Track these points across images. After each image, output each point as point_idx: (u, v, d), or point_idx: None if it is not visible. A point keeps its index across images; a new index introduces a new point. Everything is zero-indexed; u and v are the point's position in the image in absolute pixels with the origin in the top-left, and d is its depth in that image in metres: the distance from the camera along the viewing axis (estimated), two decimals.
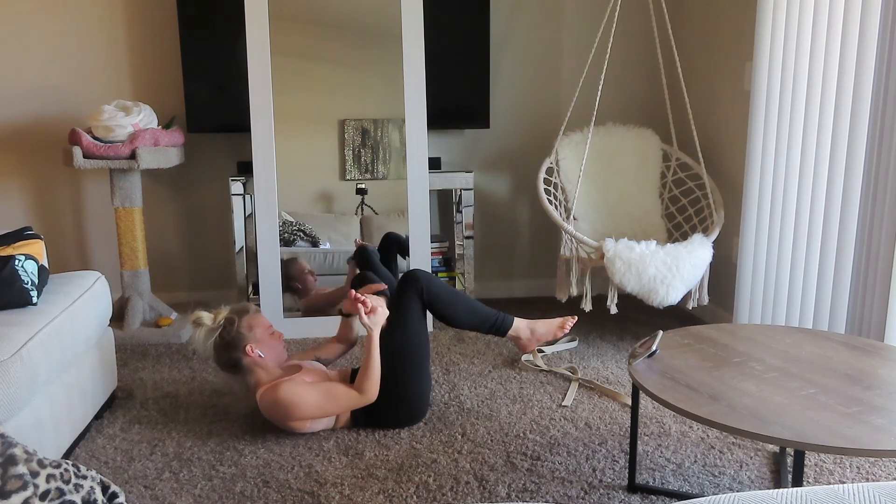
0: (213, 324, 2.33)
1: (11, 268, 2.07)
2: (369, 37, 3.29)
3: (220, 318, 2.34)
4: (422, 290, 2.37)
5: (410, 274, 2.41)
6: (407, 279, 2.41)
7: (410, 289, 2.38)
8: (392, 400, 2.32)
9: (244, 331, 2.32)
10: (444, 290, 2.40)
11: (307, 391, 2.23)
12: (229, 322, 2.32)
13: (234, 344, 2.31)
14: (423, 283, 2.38)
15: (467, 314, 2.42)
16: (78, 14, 3.47)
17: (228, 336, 2.31)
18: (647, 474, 2.07)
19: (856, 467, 2.10)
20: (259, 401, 2.29)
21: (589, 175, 3.41)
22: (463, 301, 2.42)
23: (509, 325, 2.44)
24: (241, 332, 2.31)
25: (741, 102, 3.20)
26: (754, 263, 2.91)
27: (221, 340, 2.31)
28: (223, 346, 2.32)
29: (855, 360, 1.89)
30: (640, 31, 3.78)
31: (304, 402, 2.22)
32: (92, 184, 3.64)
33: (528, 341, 2.47)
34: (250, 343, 2.32)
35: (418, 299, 2.37)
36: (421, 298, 2.37)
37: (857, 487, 1.02)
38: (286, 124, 3.24)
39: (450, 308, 2.39)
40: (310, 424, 2.30)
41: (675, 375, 1.81)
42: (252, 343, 2.32)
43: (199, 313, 2.34)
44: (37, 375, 1.92)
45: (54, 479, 1.35)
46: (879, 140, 2.28)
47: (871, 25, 2.29)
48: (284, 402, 2.21)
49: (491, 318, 2.44)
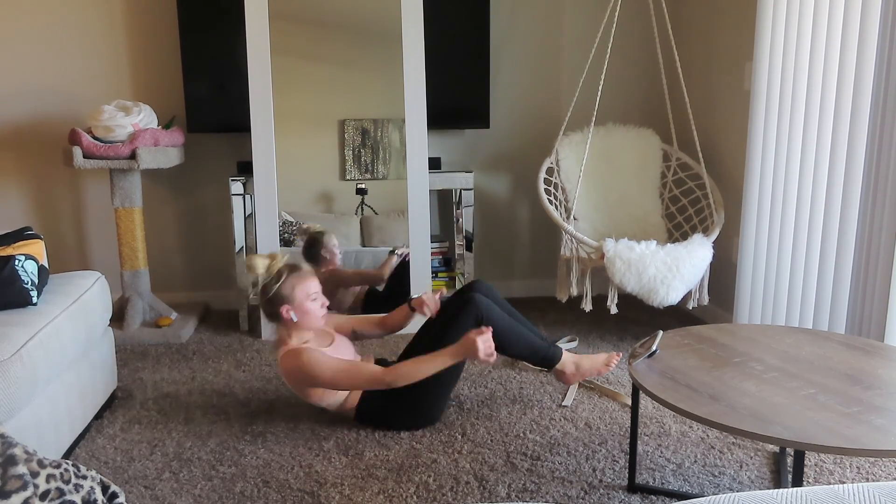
0: (262, 274, 2.32)
1: (11, 268, 2.07)
2: (369, 37, 3.29)
3: (270, 270, 2.32)
4: (481, 318, 2.36)
5: (473, 297, 2.38)
6: (469, 302, 2.37)
7: (469, 313, 2.36)
8: (407, 407, 2.32)
9: (285, 291, 2.29)
10: (502, 321, 2.37)
11: (329, 361, 2.24)
12: (276, 277, 2.31)
13: (273, 300, 2.30)
14: (483, 313, 2.36)
15: (519, 346, 2.40)
16: (78, 14, 3.47)
17: (269, 291, 2.30)
18: (647, 474, 2.07)
19: (856, 467, 2.10)
20: (280, 360, 2.30)
21: (589, 175, 3.41)
22: (517, 334, 2.40)
23: (558, 358, 2.42)
24: (281, 292, 2.29)
25: (741, 102, 3.20)
26: (754, 263, 2.91)
27: (263, 292, 2.32)
28: (264, 297, 2.32)
29: (855, 360, 1.89)
30: (640, 31, 3.78)
31: (324, 370, 2.22)
32: (92, 184, 3.64)
33: (572, 376, 2.44)
34: (287, 304, 2.29)
35: (474, 325, 2.35)
36: (477, 325, 2.36)
37: (857, 487, 1.02)
38: (286, 124, 3.24)
39: (504, 340, 2.38)
40: (321, 395, 2.30)
41: (675, 375, 1.81)
42: (289, 305, 2.30)
43: (254, 260, 2.31)
44: (37, 375, 1.92)
45: (54, 479, 1.35)
46: (879, 140, 2.28)
47: (871, 25, 2.29)
48: (305, 367, 2.22)
49: (541, 351, 2.42)
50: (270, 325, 2.43)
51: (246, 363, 2.98)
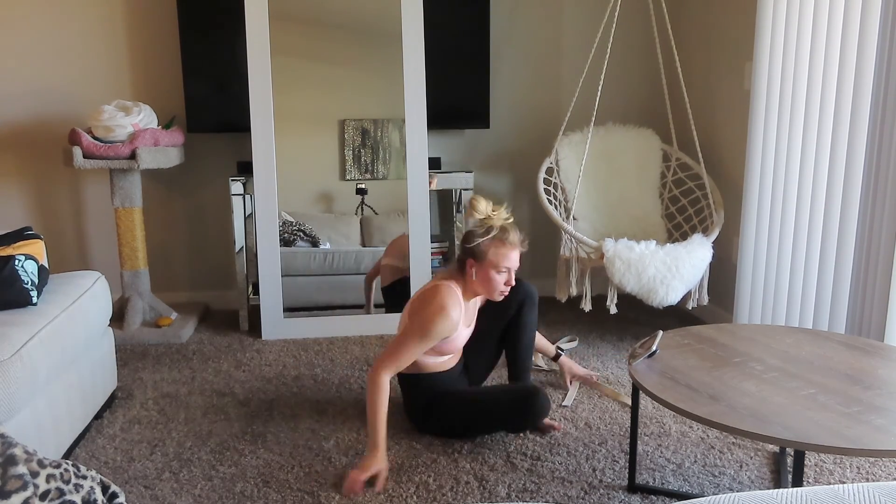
0: (477, 216, 2.20)
1: (11, 268, 2.07)
2: (369, 37, 3.29)
3: (485, 218, 2.19)
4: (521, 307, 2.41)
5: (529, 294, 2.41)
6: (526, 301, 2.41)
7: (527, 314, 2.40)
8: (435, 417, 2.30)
9: (484, 247, 2.16)
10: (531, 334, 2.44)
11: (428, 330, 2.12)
12: (485, 230, 2.18)
13: (468, 247, 2.19)
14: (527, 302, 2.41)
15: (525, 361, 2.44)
16: (78, 14, 3.47)
17: (470, 239, 2.19)
18: (647, 474, 2.07)
19: (856, 467, 2.10)
20: (424, 287, 2.21)
21: (589, 175, 3.41)
22: (529, 350, 2.46)
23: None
24: (479, 247, 2.17)
25: (741, 102, 3.20)
26: (754, 263, 2.91)
27: (466, 236, 2.21)
28: (463, 240, 2.22)
29: (855, 360, 1.89)
30: (640, 31, 3.78)
31: (415, 327, 2.12)
32: (92, 184, 3.64)
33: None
34: (474, 261, 2.18)
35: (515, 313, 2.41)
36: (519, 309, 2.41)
37: (857, 487, 1.02)
38: (286, 124, 3.24)
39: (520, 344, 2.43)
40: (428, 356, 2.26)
41: (675, 375, 1.81)
42: (476, 262, 2.18)
43: (480, 201, 2.19)
44: (37, 375, 1.92)
45: (54, 479, 1.35)
46: (879, 140, 2.28)
47: (871, 25, 2.29)
48: (427, 306, 2.13)
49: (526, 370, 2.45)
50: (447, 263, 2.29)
51: (246, 363, 2.98)
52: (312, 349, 3.14)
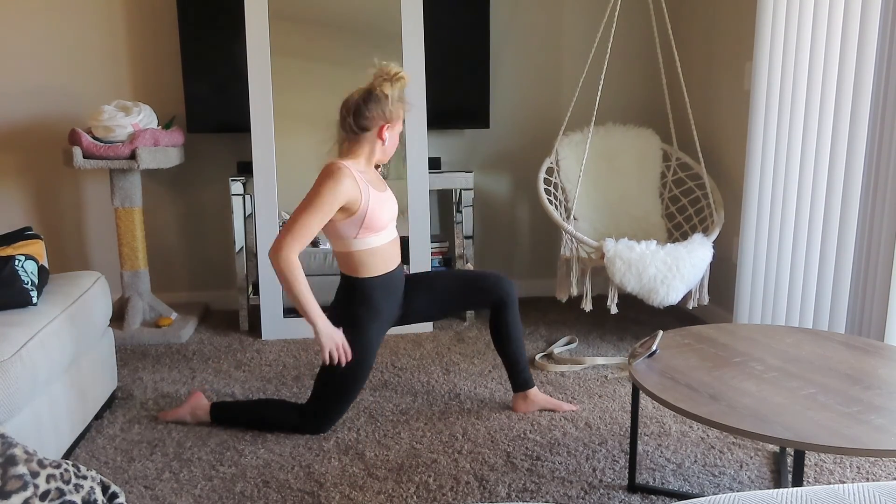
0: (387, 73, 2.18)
1: (11, 268, 2.07)
2: (369, 37, 3.29)
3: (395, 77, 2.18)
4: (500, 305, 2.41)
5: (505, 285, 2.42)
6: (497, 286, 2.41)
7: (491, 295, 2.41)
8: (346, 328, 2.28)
9: (396, 109, 2.20)
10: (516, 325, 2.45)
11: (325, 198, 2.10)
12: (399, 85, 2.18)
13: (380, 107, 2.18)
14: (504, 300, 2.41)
15: (518, 351, 2.45)
16: (78, 14, 3.47)
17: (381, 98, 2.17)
18: (647, 474, 2.07)
19: (856, 467, 2.10)
20: (326, 164, 2.18)
21: (589, 175, 3.41)
22: (521, 341, 2.47)
23: (532, 385, 2.49)
24: (391, 107, 2.19)
25: (741, 102, 3.20)
26: (754, 263, 2.91)
27: (370, 94, 2.18)
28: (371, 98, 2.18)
29: (855, 360, 1.89)
30: (640, 31, 3.78)
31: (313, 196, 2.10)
32: (92, 184, 3.64)
33: (527, 405, 2.48)
34: (387, 123, 2.20)
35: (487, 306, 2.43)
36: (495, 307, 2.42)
37: (857, 487, 1.02)
38: (286, 124, 3.24)
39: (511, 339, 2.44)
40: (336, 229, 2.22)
41: (675, 375, 1.81)
42: (389, 125, 2.20)
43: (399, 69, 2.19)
44: (37, 375, 1.91)
45: (54, 479, 1.35)
46: (879, 140, 2.28)
47: (871, 25, 2.29)
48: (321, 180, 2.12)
49: (526, 370, 2.47)
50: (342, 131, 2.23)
51: (246, 363, 2.98)
52: (312, 349, 3.14)
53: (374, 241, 2.24)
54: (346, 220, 2.19)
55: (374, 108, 2.18)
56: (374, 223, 2.21)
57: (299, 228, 2.10)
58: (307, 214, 2.10)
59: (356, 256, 2.24)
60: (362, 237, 2.22)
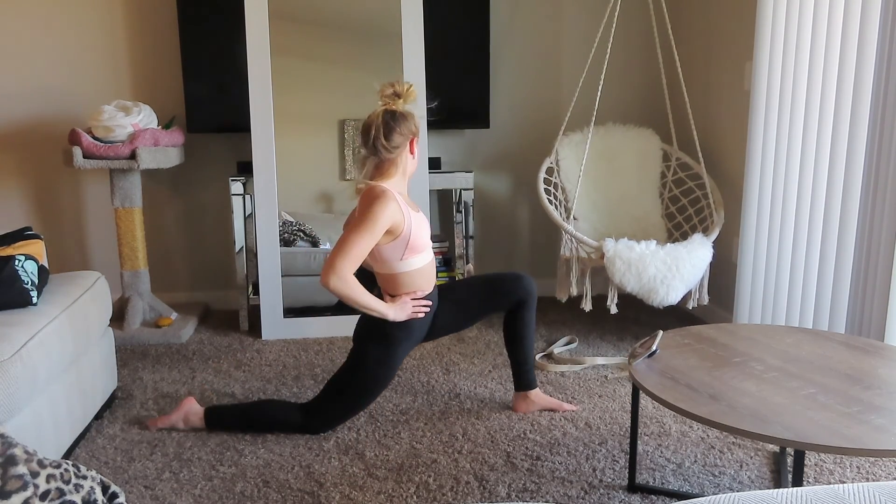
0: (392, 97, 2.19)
1: (11, 268, 2.07)
2: (369, 37, 3.29)
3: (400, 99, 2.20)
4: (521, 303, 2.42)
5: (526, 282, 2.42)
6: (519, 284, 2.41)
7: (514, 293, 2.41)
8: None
9: (414, 125, 2.21)
10: (530, 322, 2.46)
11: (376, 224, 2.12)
12: (401, 109, 2.20)
13: (407, 123, 2.20)
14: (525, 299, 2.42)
15: (526, 350, 2.46)
16: (77, 14, 3.47)
17: (402, 120, 2.19)
18: (647, 474, 2.07)
19: (856, 467, 2.10)
20: (367, 188, 2.19)
21: (589, 175, 3.41)
22: (531, 340, 2.48)
23: (535, 385, 2.49)
24: (414, 122, 2.20)
25: (741, 102, 3.20)
26: (754, 263, 2.91)
27: (405, 115, 2.20)
28: (395, 122, 2.19)
29: (855, 360, 1.89)
30: (640, 31, 3.78)
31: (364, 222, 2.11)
32: (92, 184, 3.64)
33: (527, 405, 2.48)
34: (414, 137, 2.22)
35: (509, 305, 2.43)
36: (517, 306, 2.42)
37: (857, 487, 1.02)
38: (286, 124, 3.24)
39: (522, 338, 2.44)
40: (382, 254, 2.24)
41: (675, 375, 1.81)
42: (415, 139, 2.23)
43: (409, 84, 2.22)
44: (37, 375, 1.92)
45: (54, 479, 1.35)
46: (879, 140, 2.28)
47: (871, 25, 2.29)
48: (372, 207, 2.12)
49: (531, 371, 2.47)
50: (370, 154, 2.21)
51: (246, 363, 2.98)
52: (312, 349, 3.14)
53: (417, 262, 2.26)
54: (391, 242, 2.20)
55: (403, 125, 2.20)
56: (417, 244, 2.23)
57: (351, 250, 2.12)
58: (358, 236, 2.12)
59: (400, 278, 2.26)
60: (407, 258, 2.24)
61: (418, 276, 2.27)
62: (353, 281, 2.13)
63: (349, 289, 2.12)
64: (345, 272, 2.11)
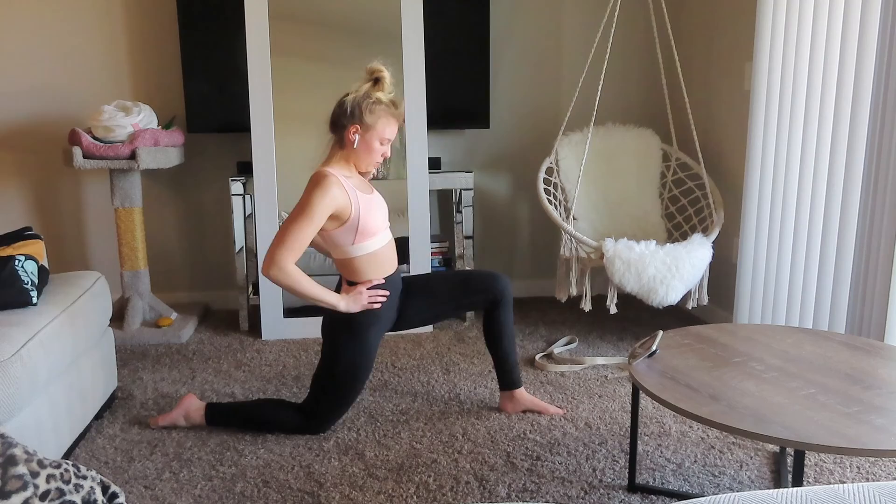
0: (363, 81, 2.19)
1: (11, 268, 2.07)
2: (369, 37, 3.29)
3: (368, 84, 2.19)
4: (496, 302, 2.40)
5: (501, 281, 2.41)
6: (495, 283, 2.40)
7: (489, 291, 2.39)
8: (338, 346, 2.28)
9: (368, 114, 2.17)
10: (509, 323, 2.45)
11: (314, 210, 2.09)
12: (367, 93, 2.18)
13: (351, 111, 2.17)
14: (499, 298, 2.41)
15: (508, 349, 2.45)
16: (78, 14, 3.47)
17: (353, 102, 2.17)
18: (647, 474, 2.07)
19: (856, 467, 2.10)
20: (314, 173, 2.18)
21: (589, 175, 3.41)
22: (512, 339, 2.47)
23: (520, 384, 2.48)
24: (363, 112, 2.17)
25: (741, 102, 3.20)
26: (754, 263, 2.91)
27: (359, 99, 2.18)
28: (342, 104, 2.19)
29: (855, 360, 1.89)
30: (640, 31, 3.78)
31: (302, 208, 2.09)
32: (92, 184, 3.64)
33: (513, 405, 2.47)
34: (358, 126, 2.17)
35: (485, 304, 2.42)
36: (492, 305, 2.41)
37: (857, 487, 1.02)
38: (286, 124, 3.24)
39: (502, 338, 2.43)
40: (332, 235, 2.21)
41: (675, 375, 1.81)
42: (360, 128, 2.18)
43: (379, 66, 2.20)
44: (37, 375, 1.92)
45: (54, 479, 1.35)
46: (879, 140, 2.28)
47: (871, 25, 2.29)
48: (309, 192, 2.10)
49: (516, 370, 2.46)
50: (328, 135, 2.26)
51: (246, 363, 2.98)
52: (312, 349, 3.14)
53: (371, 245, 2.23)
54: (340, 227, 2.18)
55: (354, 109, 2.17)
56: (368, 228, 2.20)
57: (291, 240, 2.09)
58: (297, 225, 2.09)
59: (356, 262, 2.24)
60: (359, 243, 2.21)
61: (373, 259, 2.24)
62: (294, 271, 2.10)
63: (291, 280, 2.09)
64: (285, 263, 2.08)
